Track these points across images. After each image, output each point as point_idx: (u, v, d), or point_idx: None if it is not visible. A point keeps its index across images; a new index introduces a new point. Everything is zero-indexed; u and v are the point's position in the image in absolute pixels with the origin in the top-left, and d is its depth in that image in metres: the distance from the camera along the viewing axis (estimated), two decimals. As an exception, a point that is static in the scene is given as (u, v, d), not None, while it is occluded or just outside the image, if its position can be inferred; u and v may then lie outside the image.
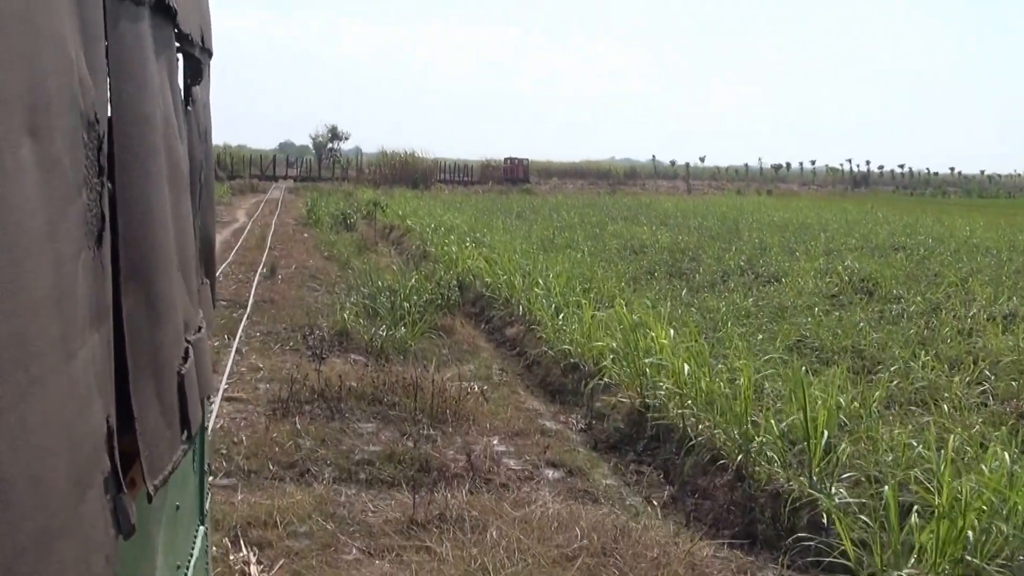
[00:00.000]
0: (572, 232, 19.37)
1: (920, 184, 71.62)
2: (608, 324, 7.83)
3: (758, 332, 8.81)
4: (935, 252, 15.31)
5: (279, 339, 8.43)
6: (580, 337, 7.83)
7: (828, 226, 21.54)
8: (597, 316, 8.10)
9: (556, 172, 65.07)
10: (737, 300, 11.06)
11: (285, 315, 9.63)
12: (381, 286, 10.11)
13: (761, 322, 9.47)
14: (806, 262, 13.74)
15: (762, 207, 29.82)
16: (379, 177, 45.19)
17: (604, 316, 8.07)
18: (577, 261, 13.62)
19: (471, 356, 8.48)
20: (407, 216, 21.59)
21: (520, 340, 9.51)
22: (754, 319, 9.70)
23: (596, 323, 7.76)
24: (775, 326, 9.27)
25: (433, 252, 14.91)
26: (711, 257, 15.23)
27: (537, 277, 10.69)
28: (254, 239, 18.25)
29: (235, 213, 27.34)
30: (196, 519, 2.31)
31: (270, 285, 12.03)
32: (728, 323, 9.29)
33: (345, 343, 8.28)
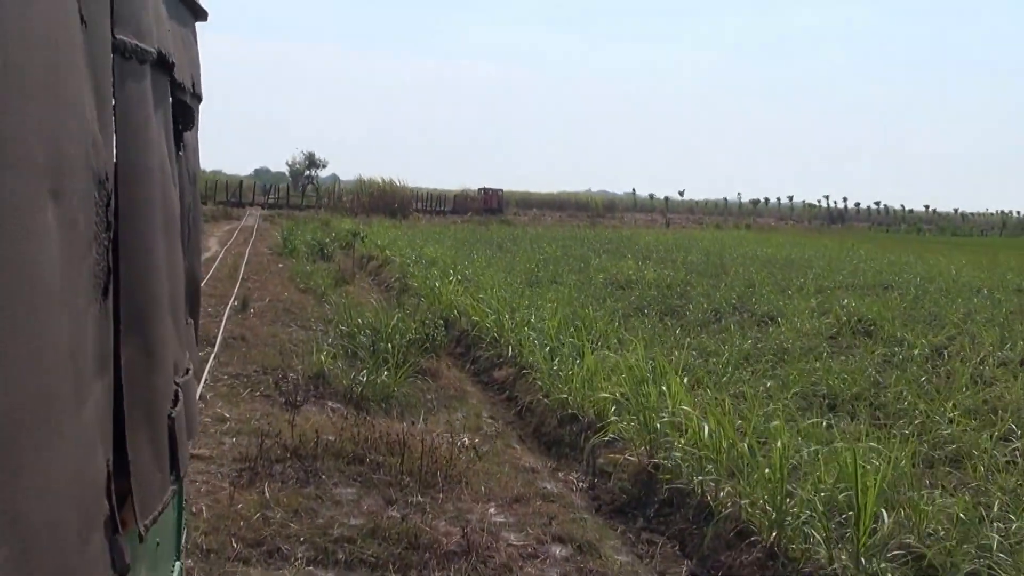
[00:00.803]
0: (556, 265, 18.82)
1: (895, 221, 72.35)
2: (612, 370, 7.20)
3: (764, 377, 8.24)
4: (926, 291, 14.95)
5: (249, 383, 7.68)
6: (579, 385, 7.18)
7: (812, 263, 21.22)
8: (597, 360, 7.47)
9: (535, 203, 64.85)
10: (734, 341, 10.52)
11: (256, 355, 8.88)
12: (361, 324, 9.42)
13: (765, 367, 8.90)
14: (800, 301, 13.28)
15: (743, 242, 29.55)
16: (357, 206, 44.49)
17: (606, 361, 7.43)
18: (564, 297, 13.03)
19: (458, 403, 7.79)
20: (386, 247, 20.92)
21: (510, 384, 8.84)
22: (756, 363, 9.14)
23: (597, 368, 7.12)
24: (779, 371, 8.71)
25: (415, 286, 14.23)
26: (700, 294, 14.73)
27: (528, 316, 10.06)
28: (226, 269, 17.43)
29: (208, 241, 26.43)
30: (174, 554, 2.30)
31: (241, 320, 11.25)
32: (730, 367, 8.73)
33: (322, 388, 7.55)
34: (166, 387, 1.69)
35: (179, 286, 1.91)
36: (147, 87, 1.54)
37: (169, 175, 1.78)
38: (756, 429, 5.35)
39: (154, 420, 1.58)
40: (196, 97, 2.24)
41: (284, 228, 27.65)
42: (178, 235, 1.92)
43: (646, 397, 6.11)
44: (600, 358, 7.79)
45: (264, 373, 8.04)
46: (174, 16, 1.94)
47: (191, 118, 2.21)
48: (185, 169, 2.14)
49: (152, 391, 1.55)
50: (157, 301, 1.59)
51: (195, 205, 2.37)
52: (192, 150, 2.29)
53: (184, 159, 2.13)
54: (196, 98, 2.24)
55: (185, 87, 2.03)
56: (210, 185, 53.30)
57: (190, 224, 2.23)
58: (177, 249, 1.90)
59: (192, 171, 2.28)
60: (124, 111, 1.38)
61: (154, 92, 1.60)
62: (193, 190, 2.29)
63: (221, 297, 13.46)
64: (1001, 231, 67.06)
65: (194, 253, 2.36)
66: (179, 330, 1.90)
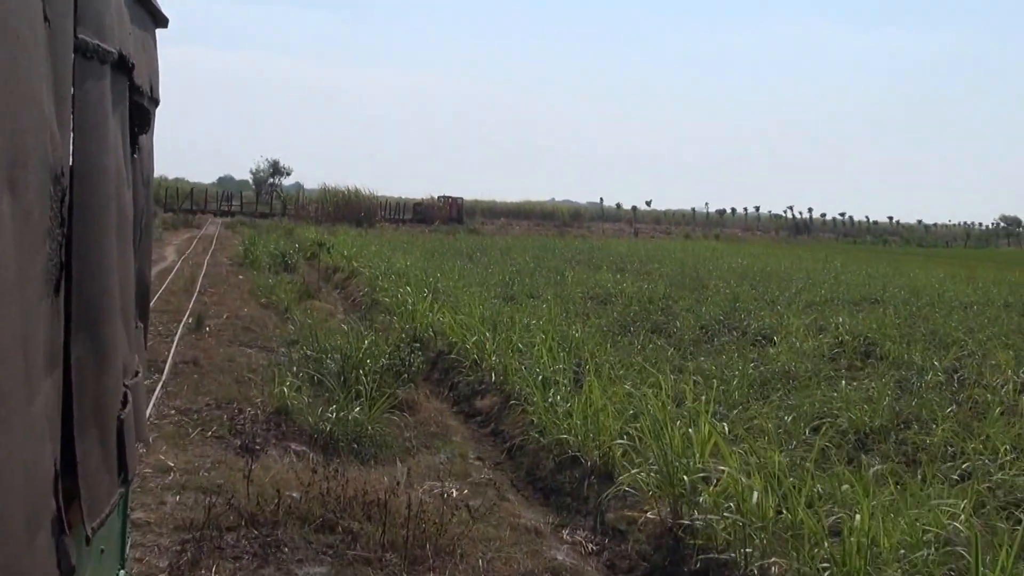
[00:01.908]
0: (530, 278, 17.90)
1: (860, 232, 72.74)
2: (615, 401, 6.26)
3: (778, 408, 7.39)
4: (916, 306, 14.36)
5: (199, 421, 6.58)
6: (580, 422, 6.23)
7: (790, 276, 20.63)
8: (601, 392, 6.52)
9: (500, 212, 63.92)
10: (735, 364, 9.69)
11: (210, 384, 7.76)
12: (329, 347, 8.35)
13: (774, 394, 8.06)
14: (792, 317, 12.53)
15: (716, 253, 28.96)
16: (321, 214, 43.09)
17: (608, 392, 6.48)
18: (545, 314, 12.09)
19: (441, 441, 6.78)
20: (353, 257, 19.77)
21: (495, 415, 7.86)
22: (764, 390, 8.30)
23: (605, 405, 6.17)
24: (790, 399, 7.88)
25: (385, 301, 13.16)
26: (684, 309, 13.93)
27: (511, 336, 9.08)
28: (182, 281, 16.14)
29: (164, 250, 24.96)
30: (117, 563, 2.20)
31: (195, 341, 10.09)
32: (737, 394, 7.87)
33: (284, 427, 6.48)
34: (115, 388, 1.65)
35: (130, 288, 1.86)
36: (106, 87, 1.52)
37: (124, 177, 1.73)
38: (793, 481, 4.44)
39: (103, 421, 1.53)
40: (154, 101, 2.20)
41: (246, 237, 26.29)
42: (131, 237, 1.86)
43: (663, 438, 5.17)
44: (606, 390, 6.87)
45: (218, 407, 6.93)
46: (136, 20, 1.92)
47: (148, 121, 2.17)
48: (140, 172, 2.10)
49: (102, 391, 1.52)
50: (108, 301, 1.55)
51: (148, 208, 2.30)
52: (147, 153, 2.24)
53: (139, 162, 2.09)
54: (153, 102, 2.21)
55: (143, 90, 2.01)
56: (172, 193, 51.50)
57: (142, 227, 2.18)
58: (129, 251, 1.84)
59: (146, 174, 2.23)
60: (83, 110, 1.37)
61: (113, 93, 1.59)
62: (147, 193, 2.24)
63: (174, 313, 12.24)
64: (965, 242, 68.00)
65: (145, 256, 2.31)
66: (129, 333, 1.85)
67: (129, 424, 1.77)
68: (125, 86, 1.78)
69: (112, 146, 1.58)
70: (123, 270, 1.75)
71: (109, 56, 1.50)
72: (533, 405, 7.20)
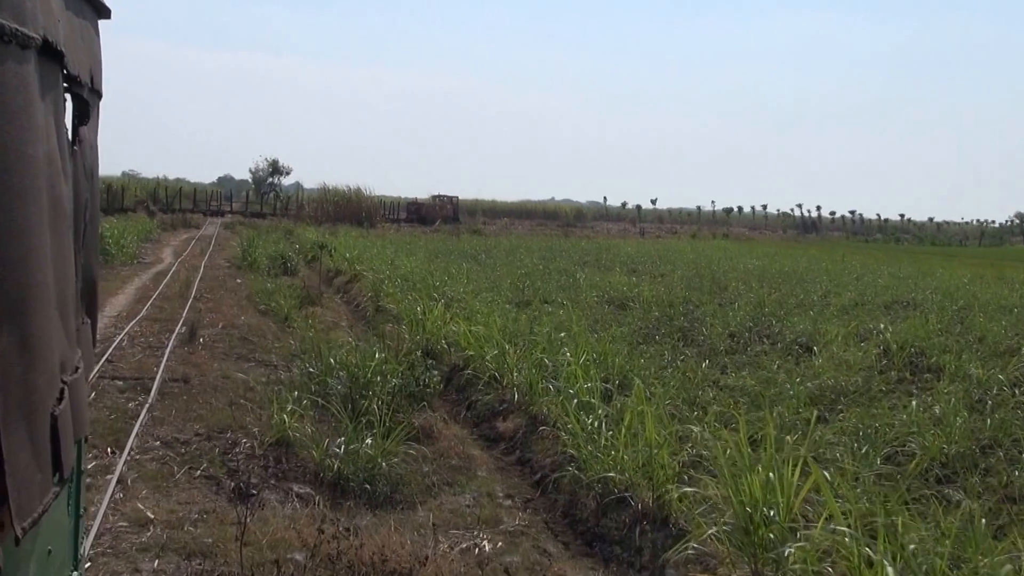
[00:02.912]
0: (541, 280, 17.00)
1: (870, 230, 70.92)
2: (667, 429, 5.37)
3: (840, 432, 6.51)
4: (953, 310, 13.47)
5: (187, 455, 5.68)
6: (627, 455, 5.34)
7: (809, 276, 19.75)
8: (642, 419, 5.63)
9: (501, 212, 62.98)
10: (775, 377, 8.82)
11: (201, 407, 6.87)
12: (334, 364, 7.46)
13: (827, 413, 7.19)
14: (826, 324, 11.64)
15: (728, 253, 28.07)
16: (321, 214, 42.14)
17: (659, 421, 5.58)
18: (564, 322, 11.22)
19: (464, 476, 5.89)
20: (355, 260, 18.86)
21: (520, 440, 6.98)
22: (816, 408, 7.42)
23: (662, 441, 5.27)
24: (848, 420, 7.00)
25: (391, 308, 12.26)
26: (708, 314, 13.04)
27: (535, 351, 8.19)
28: (177, 285, 15.25)
29: (161, 252, 24.07)
30: (70, 564, 2.13)
31: (187, 354, 9.19)
32: (787, 412, 7.00)
33: (285, 462, 5.60)
34: (47, 384, 1.57)
35: (68, 281, 1.77)
36: (30, 73, 1.46)
37: (58, 167, 1.65)
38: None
39: (34, 418, 1.47)
40: (95, 92, 2.14)
41: (244, 239, 25.38)
42: (68, 229, 1.77)
43: (740, 483, 4.29)
44: (638, 414, 5.99)
45: (208, 438, 6.04)
46: (72, 8, 1.87)
47: (87, 112, 2.10)
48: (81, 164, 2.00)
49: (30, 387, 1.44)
50: (38, 293, 1.48)
51: (93, 202, 2.18)
52: (90, 145, 2.14)
53: (80, 154, 1.98)
54: (95, 93, 2.14)
55: (81, 80, 1.94)
56: (172, 193, 50.48)
57: (87, 220, 2.08)
58: (67, 243, 1.76)
59: (89, 167, 2.12)
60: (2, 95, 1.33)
61: (41, 80, 1.53)
62: (91, 186, 2.14)
63: (167, 321, 11.35)
64: (980, 240, 66.35)
65: (91, 250, 2.21)
66: (67, 327, 1.77)
67: (65, 420, 1.68)
68: (57, 74, 1.71)
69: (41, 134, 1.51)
70: (60, 263, 1.68)
71: (31, 41, 1.45)
72: (565, 430, 6.33)
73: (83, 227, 2.04)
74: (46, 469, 1.55)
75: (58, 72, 1.72)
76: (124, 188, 47.13)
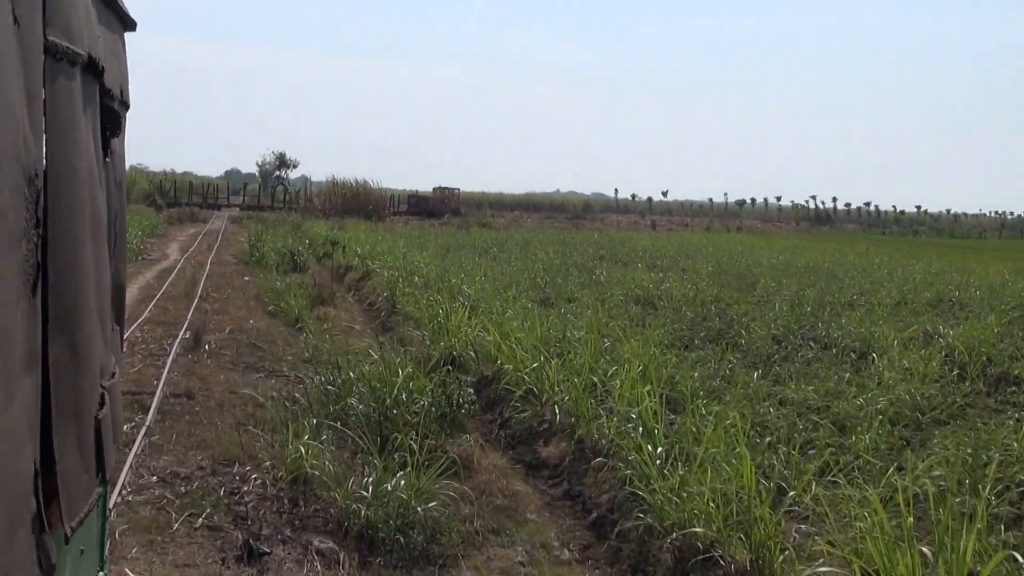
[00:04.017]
0: (561, 277, 16.03)
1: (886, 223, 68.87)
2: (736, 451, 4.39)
3: (939, 460, 5.56)
4: (1005, 311, 12.48)
5: (187, 496, 4.74)
6: (711, 503, 4.40)
7: (837, 271, 18.75)
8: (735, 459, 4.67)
9: (508, 204, 61.89)
10: (834, 387, 7.89)
11: (205, 431, 5.94)
12: (353, 378, 6.52)
13: (920, 438, 6.24)
14: (875, 325, 10.67)
15: (747, 246, 27.00)
16: (330, 208, 41.16)
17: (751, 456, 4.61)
18: (592, 324, 10.26)
19: (512, 521, 4.94)
20: (367, 256, 17.90)
21: (568, 469, 6.04)
22: (889, 426, 6.48)
23: (749, 478, 4.32)
24: (939, 444, 6.06)
25: (411, 311, 11.30)
26: (741, 313, 12.09)
27: (579, 362, 7.24)
28: (183, 284, 14.34)
29: (167, 248, 23.14)
30: (97, 564, 2.13)
31: (191, 363, 8.27)
32: (867, 436, 6.06)
33: (303, 506, 4.66)
34: (92, 389, 1.62)
35: (105, 290, 1.81)
36: (76, 89, 1.49)
37: (97, 178, 1.70)
38: None
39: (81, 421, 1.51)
40: (124, 104, 2.18)
41: (252, 233, 24.43)
42: (105, 239, 1.82)
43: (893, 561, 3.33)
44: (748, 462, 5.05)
45: (212, 473, 5.11)
46: (104, 23, 1.89)
47: (119, 125, 2.14)
48: (112, 175, 2.05)
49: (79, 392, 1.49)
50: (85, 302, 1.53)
51: (121, 211, 2.24)
52: (119, 157, 2.19)
53: (111, 165, 2.04)
54: (124, 105, 2.19)
55: (114, 94, 1.97)
56: (181, 187, 49.47)
57: (116, 230, 2.12)
58: (104, 253, 1.80)
59: (118, 177, 2.19)
60: (54, 112, 1.35)
61: (84, 96, 1.56)
62: (120, 195, 2.21)
63: (171, 325, 10.43)
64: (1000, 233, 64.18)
65: (119, 259, 2.23)
66: (105, 334, 1.81)
67: (107, 424, 1.72)
68: (96, 89, 1.73)
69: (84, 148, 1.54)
70: (98, 272, 1.70)
71: (79, 58, 1.48)
72: (624, 460, 5.39)
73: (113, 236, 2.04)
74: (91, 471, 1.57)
75: (97, 86, 1.74)
76: (132, 182, 46.19)
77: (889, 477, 5.32)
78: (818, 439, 6.41)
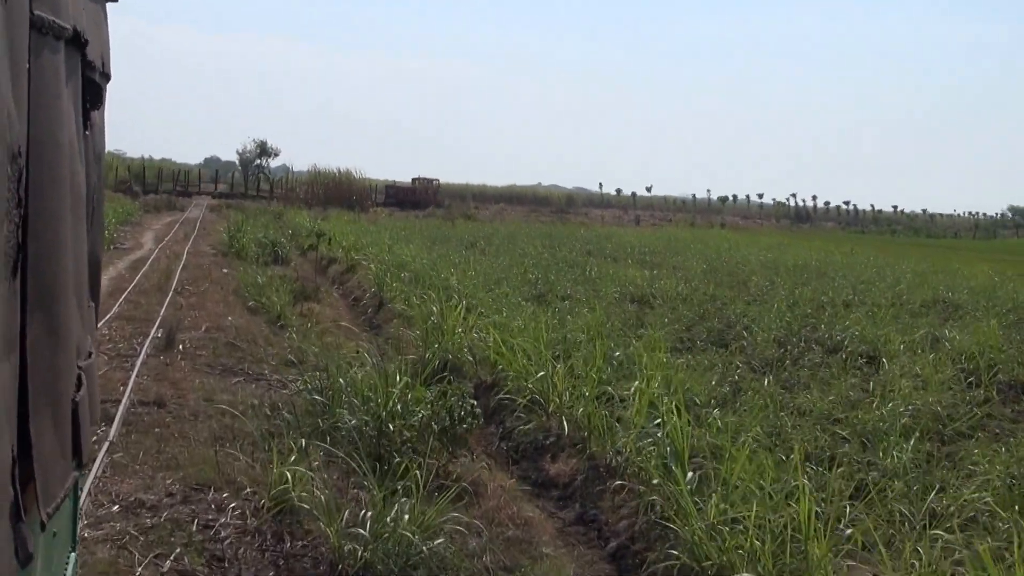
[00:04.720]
0: (551, 272, 15.43)
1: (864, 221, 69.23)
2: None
3: (983, 483, 5.05)
4: (998, 312, 12.12)
5: (154, 532, 4.07)
6: (754, 543, 3.82)
7: (825, 270, 18.37)
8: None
9: (491, 196, 61.12)
10: (846, 394, 7.41)
11: (176, 447, 5.25)
12: (344, 388, 5.86)
13: (967, 466, 5.73)
14: (875, 327, 10.21)
15: (733, 243, 26.59)
16: (312, 197, 40.17)
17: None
18: (592, 324, 9.70)
19: (527, 556, 4.33)
20: (352, 248, 17.16)
21: (580, 489, 5.45)
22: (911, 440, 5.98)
23: (807, 518, 3.74)
24: (967, 461, 5.56)
25: (400, 308, 10.63)
26: (738, 313, 11.61)
27: (592, 378, 6.63)
28: (156, 276, 13.50)
29: (142, 237, 22.16)
30: (69, 545, 2.06)
31: (163, 366, 7.55)
32: (895, 453, 5.55)
33: (289, 542, 4.01)
34: (69, 370, 1.55)
35: (83, 266, 1.76)
36: (61, 63, 1.45)
37: (78, 153, 1.65)
38: None
39: (58, 404, 1.45)
40: (105, 76, 2.10)
41: (232, 223, 23.52)
42: (84, 214, 1.76)
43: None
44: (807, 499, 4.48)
45: (184, 500, 4.43)
46: None
47: (99, 97, 2.06)
48: (92, 148, 1.98)
49: (56, 374, 1.43)
50: (63, 281, 1.46)
51: (99, 184, 2.16)
52: (99, 129, 2.11)
53: (91, 138, 1.96)
54: (105, 77, 2.10)
55: (95, 65, 1.90)
56: (158, 174, 48.01)
57: (94, 204, 2.05)
58: (82, 229, 1.75)
59: (98, 150, 2.13)
60: (38, 87, 1.29)
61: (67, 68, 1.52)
62: (98, 169, 2.14)
63: (142, 321, 9.65)
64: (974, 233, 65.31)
65: (97, 232, 2.18)
66: (82, 312, 1.75)
67: (84, 406, 1.63)
68: (78, 61, 1.67)
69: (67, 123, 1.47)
70: (76, 248, 1.62)
71: (64, 32, 1.44)
72: (647, 484, 4.82)
73: (91, 210, 1.95)
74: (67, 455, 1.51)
75: (79, 59, 1.69)
76: (107, 167, 44.75)
77: (926, 497, 4.84)
78: (841, 454, 5.91)
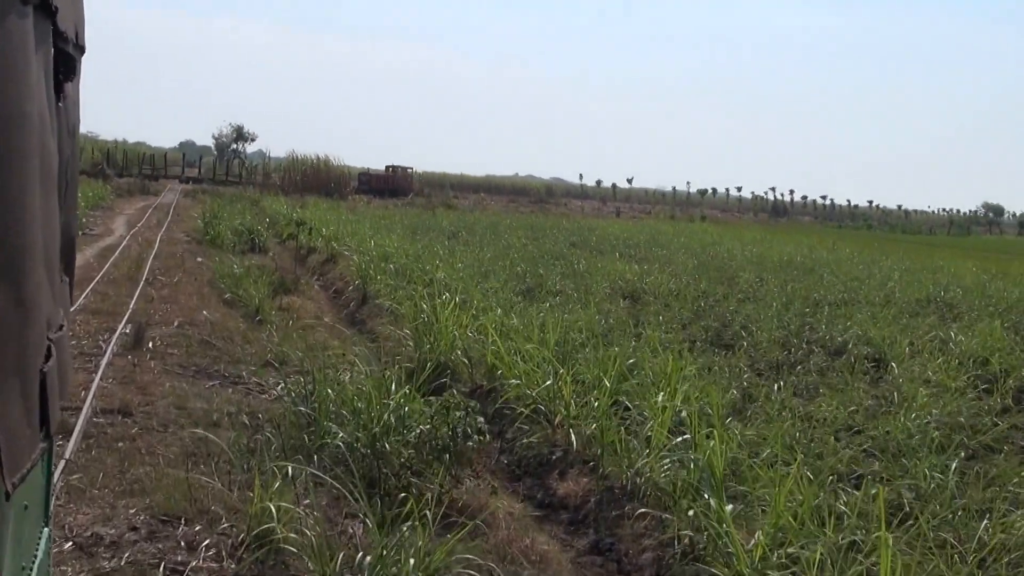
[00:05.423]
0: (539, 266, 14.86)
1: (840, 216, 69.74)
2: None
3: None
4: (994, 312, 11.80)
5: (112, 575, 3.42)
6: None
7: (812, 265, 18.03)
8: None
9: (469, 186, 60.32)
10: (861, 401, 6.97)
11: (143, 466, 4.58)
12: (332, 398, 5.22)
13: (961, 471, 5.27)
14: (876, 327, 9.80)
15: (716, 237, 26.20)
16: (289, 184, 39.08)
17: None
18: (588, 322, 9.16)
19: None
20: (332, 238, 16.41)
21: (594, 512, 4.89)
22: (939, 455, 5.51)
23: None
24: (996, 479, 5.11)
25: (387, 304, 9.97)
26: (734, 311, 11.15)
27: (604, 386, 6.05)
28: (127, 265, 12.67)
29: (112, 222, 21.13)
30: (41, 520, 2.01)
31: (130, 367, 6.83)
32: (927, 469, 5.08)
33: (272, 589, 3.39)
34: (38, 341, 1.52)
35: (54, 239, 1.74)
36: (29, 30, 1.38)
37: (48, 124, 1.58)
38: None
39: (25, 374, 1.41)
40: (79, 48, 2.02)
41: (207, 209, 22.56)
42: (55, 186, 1.71)
43: None
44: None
45: (149, 537, 3.77)
46: None
47: (73, 69, 1.98)
48: (65, 121, 1.90)
49: (24, 344, 1.40)
50: (31, 252, 1.42)
51: (73, 158, 2.09)
52: (73, 102, 2.04)
53: (64, 110, 1.89)
54: (79, 48, 2.02)
55: (68, 36, 1.81)
56: (131, 157, 46.41)
57: (68, 177, 1.99)
58: (54, 201, 1.69)
59: (72, 123, 2.04)
60: (4, 52, 1.25)
61: (36, 37, 1.44)
62: (72, 143, 2.07)
63: (109, 315, 8.88)
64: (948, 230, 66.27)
65: (70, 207, 2.12)
66: (53, 285, 1.71)
67: (53, 378, 1.60)
68: (49, 31, 1.59)
69: (36, 93, 1.42)
70: (47, 221, 1.58)
71: None
72: (675, 512, 4.27)
73: (64, 184, 1.90)
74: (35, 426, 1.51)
75: (50, 28, 1.61)
76: (80, 150, 43.08)
77: (968, 522, 4.38)
78: (867, 469, 5.44)
